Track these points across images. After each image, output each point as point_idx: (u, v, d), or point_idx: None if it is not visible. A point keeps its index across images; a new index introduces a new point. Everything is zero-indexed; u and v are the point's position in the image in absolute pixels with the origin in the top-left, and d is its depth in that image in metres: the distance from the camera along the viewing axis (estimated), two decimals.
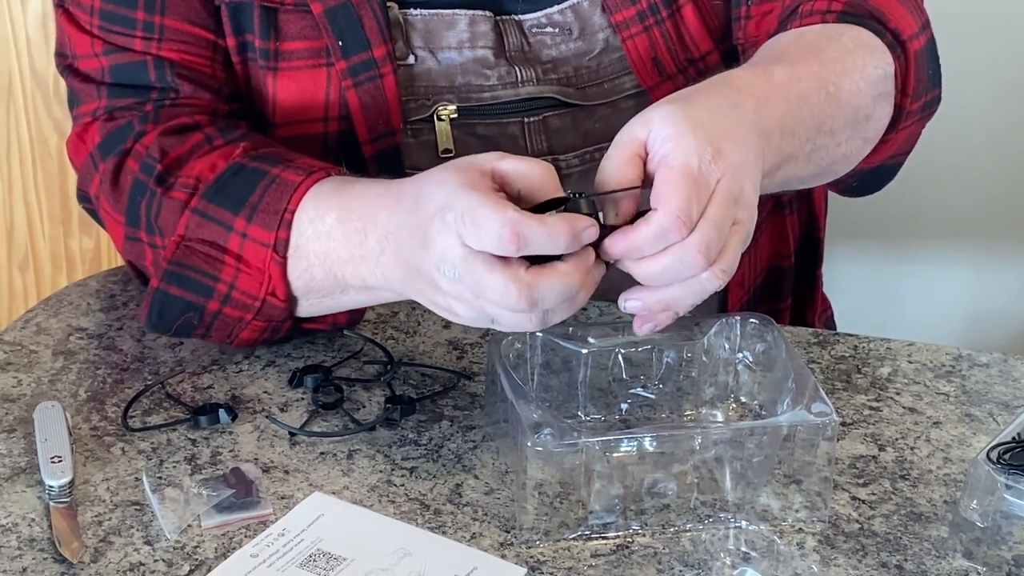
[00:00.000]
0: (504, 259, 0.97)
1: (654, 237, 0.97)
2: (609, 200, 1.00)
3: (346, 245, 1.09)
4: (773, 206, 1.37)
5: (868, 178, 1.27)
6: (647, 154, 1.00)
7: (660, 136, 0.99)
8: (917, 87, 1.22)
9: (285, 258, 1.12)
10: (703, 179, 0.98)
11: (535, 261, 0.98)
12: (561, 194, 1.00)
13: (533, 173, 1.00)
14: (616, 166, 1.00)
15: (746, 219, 1.01)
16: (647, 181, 1.00)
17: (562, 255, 0.98)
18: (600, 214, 0.99)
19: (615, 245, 0.99)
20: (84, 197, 1.27)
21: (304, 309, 1.16)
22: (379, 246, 1.07)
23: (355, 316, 1.19)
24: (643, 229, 0.98)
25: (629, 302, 1.02)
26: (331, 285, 1.12)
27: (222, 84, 1.24)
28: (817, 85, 1.13)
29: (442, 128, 1.26)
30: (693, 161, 0.98)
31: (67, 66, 1.26)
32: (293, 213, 1.11)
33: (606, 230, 0.99)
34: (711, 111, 1.02)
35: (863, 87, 1.16)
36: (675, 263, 0.98)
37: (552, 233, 0.97)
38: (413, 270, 1.04)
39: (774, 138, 1.07)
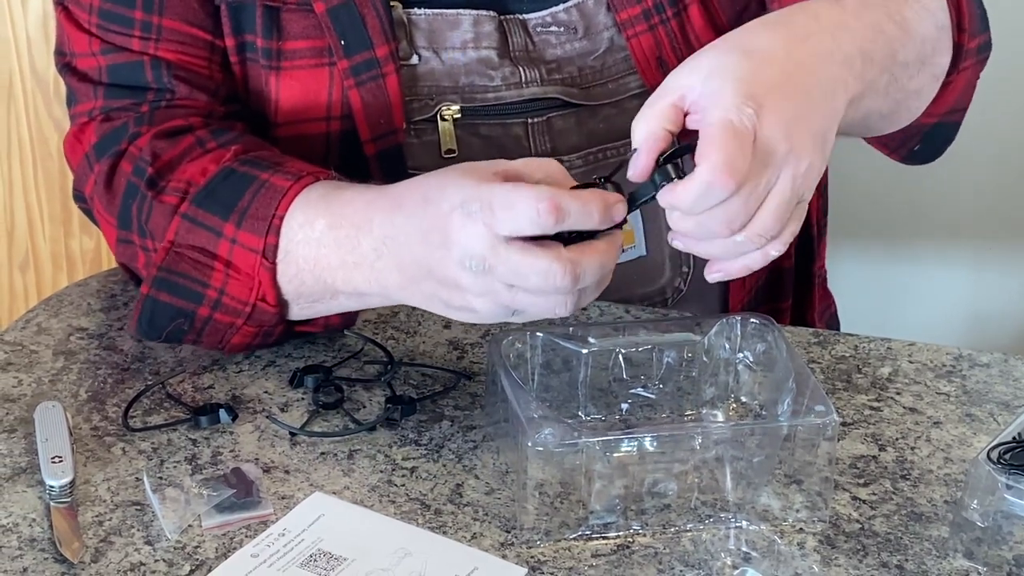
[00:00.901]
0: (539, 242, 0.98)
1: (699, 193, 0.96)
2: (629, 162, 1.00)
3: (337, 252, 1.09)
4: None
5: (928, 138, 1.26)
6: (687, 104, 0.99)
7: (705, 90, 0.98)
8: (972, 23, 1.21)
9: (275, 264, 1.12)
10: (744, 134, 0.97)
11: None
12: (574, 183, 1.01)
13: (548, 165, 1.01)
14: (650, 116, 1.00)
15: (797, 174, 0.98)
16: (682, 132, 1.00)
17: (593, 236, 0.99)
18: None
19: (664, 199, 0.98)
20: (80, 197, 1.27)
21: (294, 313, 1.15)
22: (375, 252, 1.07)
23: (348, 318, 1.19)
24: (688, 185, 0.97)
25: (676, 240, 1.01)
26: (320, 291, 1.12)
27: (219, 85, 1.24)
28: (885, 14, 1.11)
29: (445, 128, 1.26)
30: (733, 117, 0.97)
31: (65, 64, 1.26)
32: (282, 219, 1.11)
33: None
34: (765, 60, 1.01)
35: (924, 16, 1.14)
36: (698, 225, 0.98)
37: (586, 204, 0.98)
38: (422, 272, 1.03)
39: (855, 64, 1.05)
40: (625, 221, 1.01)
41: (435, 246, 1.01)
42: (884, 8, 1.11)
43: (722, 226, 0.97)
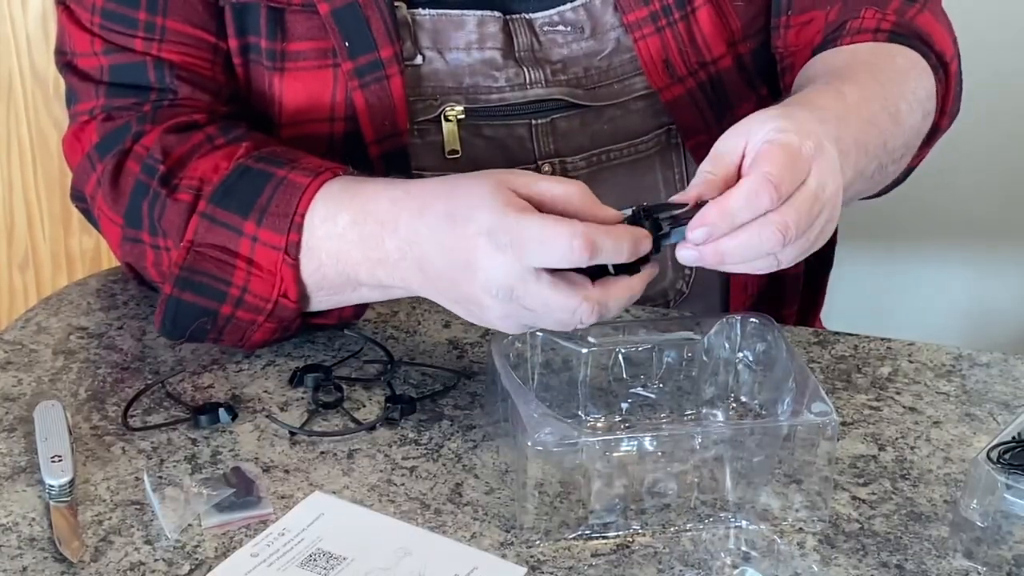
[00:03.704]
0: (567, 276, 0.99)
1: (744, 199, 0.98)
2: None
3: (361, 247, 1.09)
4: None
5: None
6: (742, 159, 1.02)
7: (763, 130, 1.01)
8: (953, 106, 1.26)
9: (297, 260, 1.12)
10: (801, 159, 0.99)
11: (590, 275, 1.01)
12: (602, 210, 1.01)
13: (571, 196, 1.01)
14: (720, 179, 1.01)
15: (827, 219, 1.02)
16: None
17: (629, 271, 1.01)
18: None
19: (708, 214, 0.98)
20: (79, 196, 1.27)
21: (315, 304, 1.16)
22: (399, 251, 1.07)
23: (360, 309, 1.20)
24: (734, 192, 0.98)
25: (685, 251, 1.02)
26: (342, 283, 1.12)
27: (222, 87, 1.24)
28: (881, 106, 1.15)
29: (449, 129, 1.26)
30: (795, 142, 0.99)
31: (66, 63, 1.26)
32: (303, 216, 1.11)
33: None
34: (806, 119, 1.04)
35: (915, 107, 1.19)
36: (751, 238, 0.98)
37: (618, 241, 0.99)
38: (446, 284, 1.04)
39: (851, 155, 1.08)
40: (659, 250, 1.02)
41: (459, 267, 1.02)
42: (881, 100, 1.15)
43: (777, 233, 0.98)
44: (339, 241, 1.10)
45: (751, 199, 0.98)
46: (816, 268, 1.45)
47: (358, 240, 1.09)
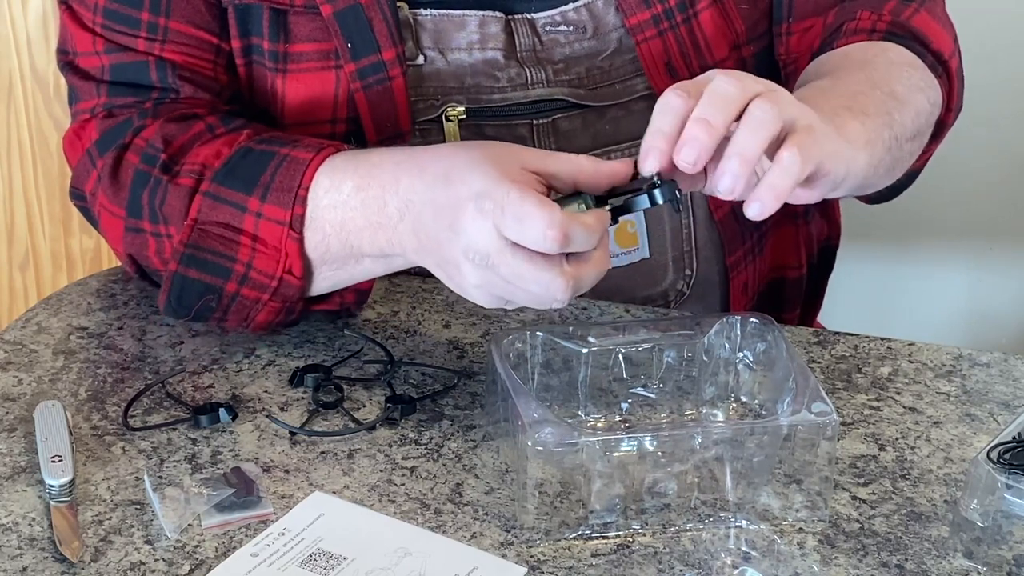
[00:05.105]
0: (543, 253, 0.99)
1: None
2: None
3: (364, 213, 1.10)
4: (784, 217, 1.36)
5: (892, 188, 1.28)
6: None
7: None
8: (957, 102, 1.26)
9: (302, 234, 1.12)
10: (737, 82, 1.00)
11: None
12: (610, 165, 1.02)
13: (580, 165, 1.02)
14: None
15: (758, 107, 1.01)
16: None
17: None
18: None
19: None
20: (78, 194, 1.27)
21: (317, 283, 1.16)
22: (398, 213, 1.08)
23: (361, 297, 1.20)
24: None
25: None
26: (346, 255, 1.13)
27: (223, 87, 1.24)
28: (870, 85, 1.15)
29: (450, 129, 1.26)
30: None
31: (67, 63, 1.26)
32: (307, 189, 1.12)
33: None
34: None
35: (913, 89, 1.18)
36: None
37: (591, 231, 0.99)
38: (433, 245, 1.04)
39: (841, 117, 1.08)
40: (616, 222, 1.02)
41: (444, 226, 1.02)
42: (869, 83, 1.15)
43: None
44: (343, 209, 1.11)
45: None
46: (817, 274, 1.45)
47: (361, 205, 1.10)
